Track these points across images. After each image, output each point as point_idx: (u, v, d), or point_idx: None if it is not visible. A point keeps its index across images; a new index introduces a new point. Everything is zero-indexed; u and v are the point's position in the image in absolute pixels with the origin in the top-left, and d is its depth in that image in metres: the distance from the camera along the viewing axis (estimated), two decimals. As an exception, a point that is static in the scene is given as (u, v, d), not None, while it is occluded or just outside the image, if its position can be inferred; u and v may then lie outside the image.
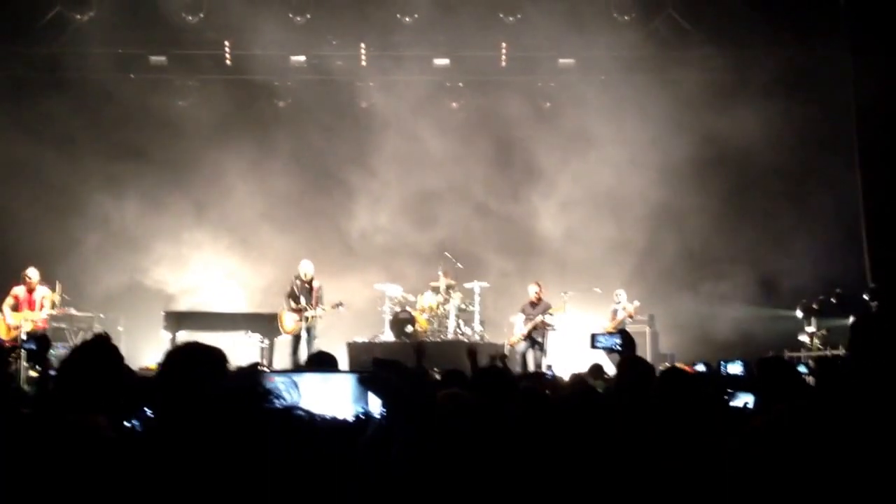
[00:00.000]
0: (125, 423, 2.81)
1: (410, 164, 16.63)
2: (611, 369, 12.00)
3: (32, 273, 12.95)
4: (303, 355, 13.20)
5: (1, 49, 15.70)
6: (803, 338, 14.71)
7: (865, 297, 14.46)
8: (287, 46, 16.28)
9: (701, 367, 8.53)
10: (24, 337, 12.17)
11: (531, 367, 13.52)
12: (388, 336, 14.88)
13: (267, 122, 16.79)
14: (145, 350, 14.25)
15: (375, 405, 1.76)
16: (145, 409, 2.92)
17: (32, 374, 10.94)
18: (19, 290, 12.94)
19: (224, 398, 1.31)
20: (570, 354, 13.99)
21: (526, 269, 16.25)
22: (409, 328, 14.72)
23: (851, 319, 13.41)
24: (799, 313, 14.93)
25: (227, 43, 16.41)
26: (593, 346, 6.99)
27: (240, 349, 13.26)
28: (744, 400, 6.35)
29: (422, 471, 1.69)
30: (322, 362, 5.59)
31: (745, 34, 15.64)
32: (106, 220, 16.10)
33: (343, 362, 12.08)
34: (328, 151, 16.75)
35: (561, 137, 16.43)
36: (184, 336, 13.22)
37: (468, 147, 16.70)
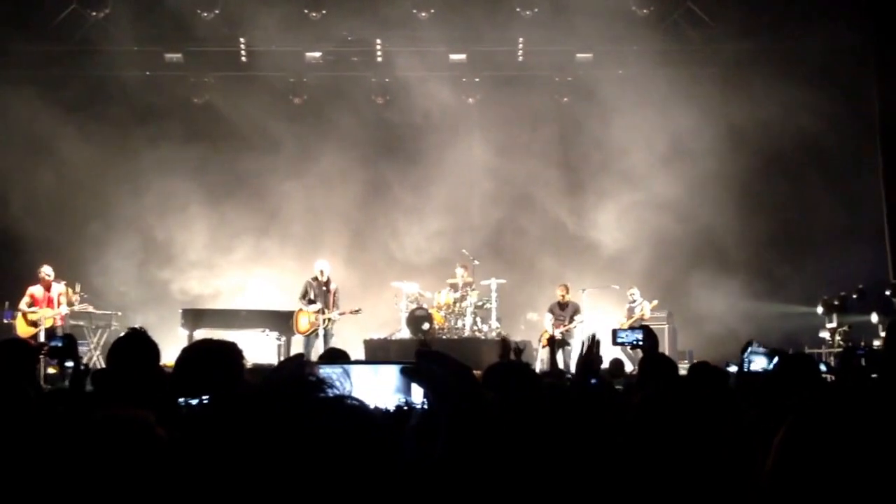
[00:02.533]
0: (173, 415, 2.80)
1: (425, 160, 16.63)
2: (629, 366, 11.92)
3: (48, 270, 12.94)
4: (316, 354, 13.10)
5: (17, 47, 15.71)
6: (824, 334, 14.56)
7: (887, 293, 14.33)
8: (302, 42, 16.29)
9: (733, 369, 8.37)
10: (42, 334, 12.18)
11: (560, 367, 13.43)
12: (404, 333, 14.81)
13: (283, 118, 16.73)
14: (162, 348, 14.18)
15: (418, 395, 1.70)
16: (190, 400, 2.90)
17: (51, 370, 10.94)
18: (36, 289, 12.89)
19: (277, 387, 1.27)
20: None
21: (543, 265, 16.20)
22: (426, 325, 14.65)
23: (874, 316, 13.33)
24: (819, 309, 14.77)
25: (242, 39, 16.41)
26: (615, 343, 6.90)
27: (257, 346, 13.29)
28: None
29: (465, 461, 1.63)
30: (335, 358, 5.57)
31: (765, 27, 15.51)
32: (126, 219, 16.18)
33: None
34: (344, 148, 16.70)
35: (579, 132, 16.37)
36: (201, 334, 13.21)
37: (483, 142, 16.62)
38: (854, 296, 14.27)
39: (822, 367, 8.47)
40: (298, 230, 16.54)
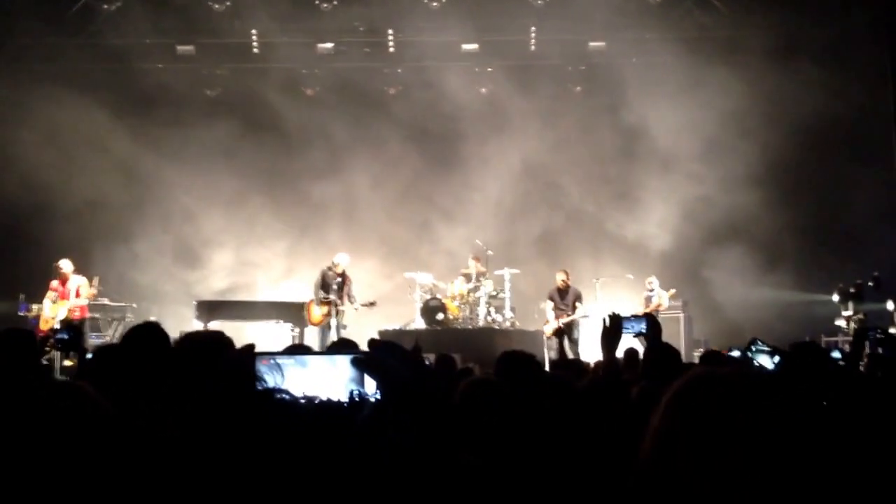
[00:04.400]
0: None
1: (433, 151, 16.62)
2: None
3: (64, 264, 13.00)
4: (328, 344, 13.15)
5: (29, 40, 15.82)
6: (840, 322, 14.41)
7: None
8: (314, 34, 16.28)
9: (736, 354, 8.33)
10: (56, 326, 12.26)
11: (569, 356, 13.40)
12: (419, 323, 14.82)
13: (296, 110, 16.74)
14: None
15: (371, 387, 1.69)
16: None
17: (68, 363, 11.05)
18: (54, 282, 13.02)
19: (208, 382, 1.28)
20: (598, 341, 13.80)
21: (557, 255, 16.15)
22: (441, 315, 14.65)
23: (889, 304, 13.18)
24: (835, 297, 14.61)
25: (254, 31, 16.43)
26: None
27: (272, 337, 13.36)
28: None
29: (415, 457, 1.63)
30: (343, 349, 5.58)
31: (777, 13, 15.33)
32: (144, 212, 16.27)
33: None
34: (356, 140, 16.71)
35: (592, 120, 16.29)
36: (215, 326, 13.26)
37: (496, 132, 16.58)
38: (870, 283, 14.10)
39: (837, 355, 8.41)
40: (319, 225, 16.58)
